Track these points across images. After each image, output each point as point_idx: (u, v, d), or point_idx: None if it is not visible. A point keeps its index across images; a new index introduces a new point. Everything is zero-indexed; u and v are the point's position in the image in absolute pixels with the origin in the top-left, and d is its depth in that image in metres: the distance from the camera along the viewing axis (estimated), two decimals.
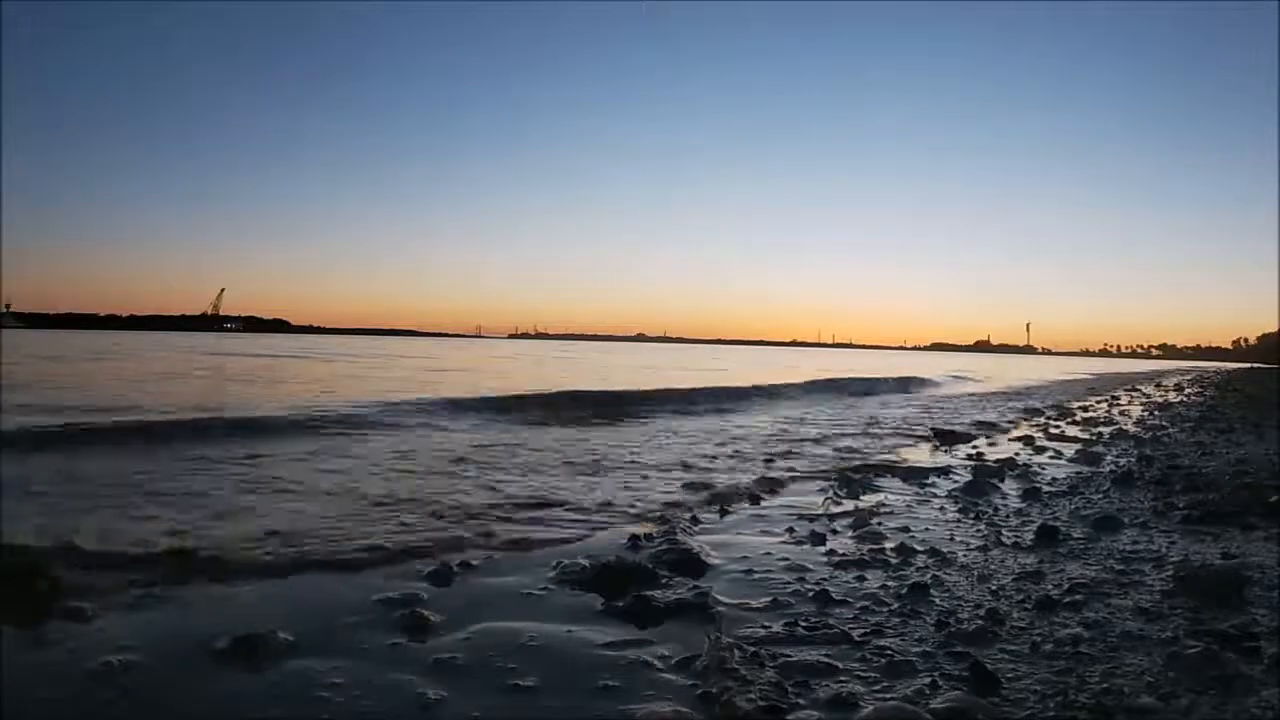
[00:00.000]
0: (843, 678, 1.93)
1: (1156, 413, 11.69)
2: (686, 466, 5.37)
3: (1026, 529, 3.53)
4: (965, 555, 3.08)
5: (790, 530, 3.49)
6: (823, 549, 3.18)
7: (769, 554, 3.09)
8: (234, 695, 1.84)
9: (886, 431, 8.20)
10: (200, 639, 2.11)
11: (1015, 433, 8.40)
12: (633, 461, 5.56)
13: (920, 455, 6.41)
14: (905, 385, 18.83)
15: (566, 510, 3.87)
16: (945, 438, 7.62)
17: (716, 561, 2.96)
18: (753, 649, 2.08)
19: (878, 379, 19.06)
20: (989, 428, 8.87)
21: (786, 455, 6.05)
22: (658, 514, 3.77)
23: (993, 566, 2.92)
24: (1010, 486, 4.71)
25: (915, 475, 5.06)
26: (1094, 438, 7.83)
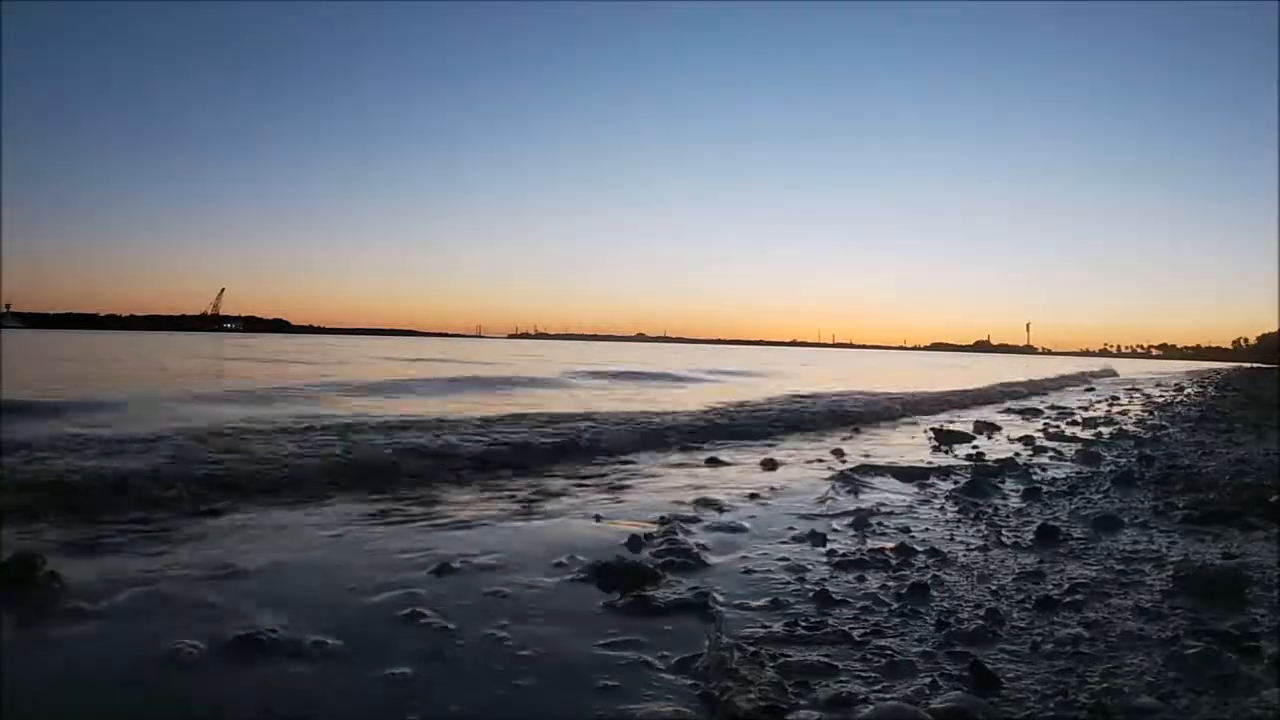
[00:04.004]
0: (843, 678, 1.93)
1: (1156, 413, 11.69)
2: None
3: (1026, 529, 3.53)
4: (965, 555, 3.08)
5: (790, 530, 3.49)
6: (823, 549, 3.18)
7: (769, 554, 3.09)
8: (234, 695, 1.84)
9: None
10: (200, 638, 2.11)
11: (1015, 433, 8.40)
12: None
13: (920, 455, 6.41)
14: None
15: None
16: (945, 438, 7.62)
17: (716, 560, 2.96)
18: (753, 649, 2.08)
19: None
20: (989, 428, 8.87)
21: None
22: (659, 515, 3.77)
23: (993, 566, 2.92)
24: (1010, 486, 4.71)
25: (915, 475, 5.06)
26: (1094, 438, 7.83)
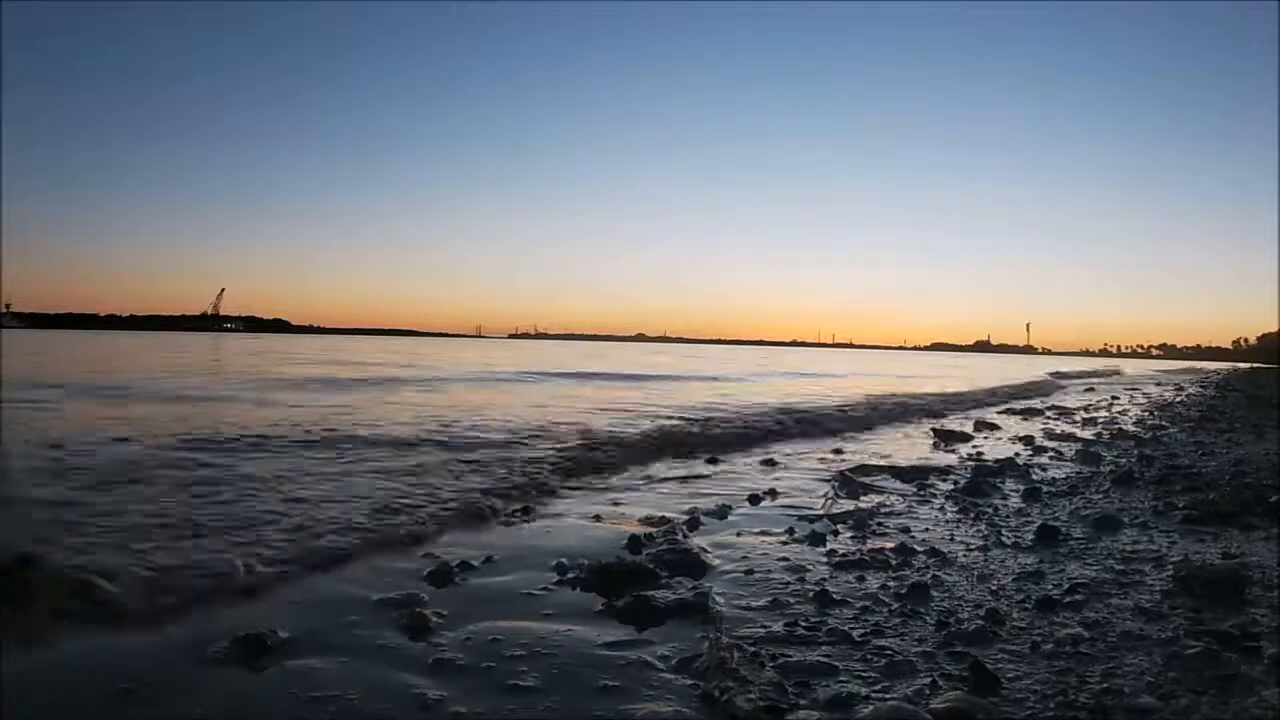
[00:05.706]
0: (843, 678, 1.93)
1: (1156, 413, 11.69)
2: None
3: (1026, 529, 3.53)
4: (965, 555, 3.08)
5: (790, 530, 3.49)
6: (823, 549, 3.18)
7: (769, 554, 3.09)
8: (234, 695, 1.84)
9: None
10: (200, 638, 2.11)
11: (1015, 433, 8.40)
12: None
13: (920, 455, 6.41)
14: None
15: None
16: (945, 438, 7.63)
17: (716, 561, 2.96)
18: (753, 649, 2.08)
19: None
20: (989, 428, 8.87)
21: None
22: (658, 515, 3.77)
23: (993, 566, 2.92)
24: (1010, 486, 4.71)
25: (915, 475, 5.06)
26: (1094, 438, 7.83)
